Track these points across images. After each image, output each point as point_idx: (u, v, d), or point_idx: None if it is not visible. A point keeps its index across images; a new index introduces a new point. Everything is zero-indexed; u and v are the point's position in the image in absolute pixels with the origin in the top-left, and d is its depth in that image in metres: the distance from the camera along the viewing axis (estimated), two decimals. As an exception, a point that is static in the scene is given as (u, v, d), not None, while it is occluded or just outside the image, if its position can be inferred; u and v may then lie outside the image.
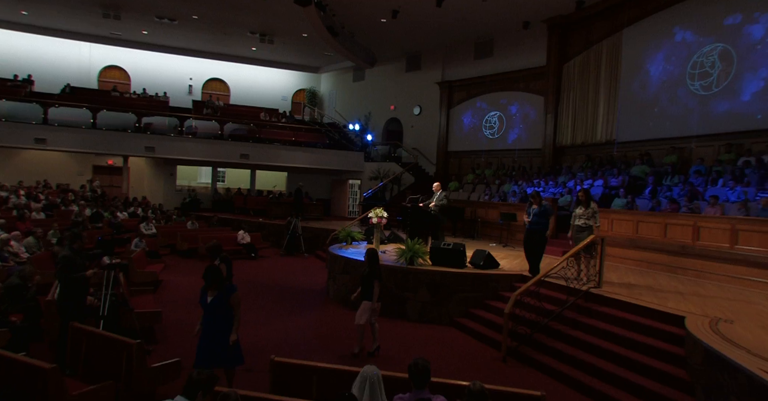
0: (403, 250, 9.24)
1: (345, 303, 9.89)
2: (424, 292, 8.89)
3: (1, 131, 18.76)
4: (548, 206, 8.73)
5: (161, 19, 20.71)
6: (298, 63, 27.32)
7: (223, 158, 21.44)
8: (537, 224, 8.58)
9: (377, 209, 10.72)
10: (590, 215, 8.42)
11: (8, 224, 13.05)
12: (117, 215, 16.51)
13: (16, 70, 22.67)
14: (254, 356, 6.87)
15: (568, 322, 7.32)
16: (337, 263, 10.29)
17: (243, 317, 8.71)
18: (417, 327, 8.63)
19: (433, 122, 22.16)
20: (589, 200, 8.53)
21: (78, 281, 5.79)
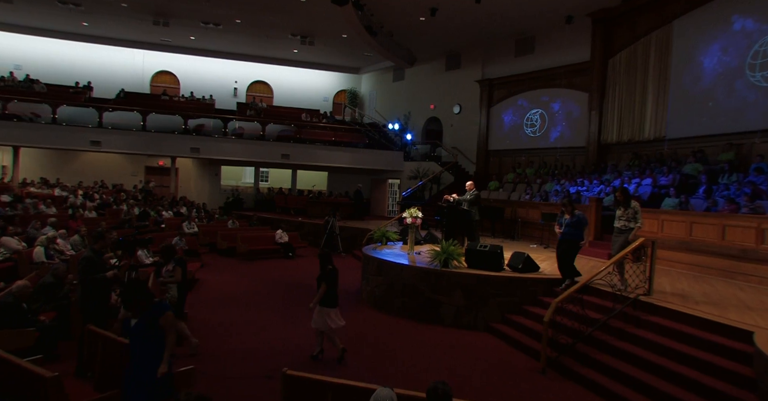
0: (438, 252, 8.64)
1: (377, 306, 9.41)
2: (459, 296, 8.27)
3: (61, 134, 19.32)
4: (582, 216, 7.71)
5: (207, 24, 20.79)
6: (339, 64, 27.04)
7: (265, 158, 21.36)
8: (569, 234, 7.71)
9: (412, 208, 10.16)
10: (631, 215, 7.48)
11: (61, 222, 13.25)
12: (162, 214, 16.58)
13: (77, 77, 23.32)
14: (271, 361, 6.46)
15: (614, 332, 6.56)
16: (370, 265, 9.79)
17: (269, 318, 8.54)
18: (450, 333, 8.02)
19: (473, 120, 21.38)
20: (628, 199, 7.57)
21: (99, 282, 5.50)
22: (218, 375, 5.80)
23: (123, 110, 20.30)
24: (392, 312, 9.02)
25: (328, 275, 6.60)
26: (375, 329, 8.18)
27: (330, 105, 28.18)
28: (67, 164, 22.49)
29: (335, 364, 6.45)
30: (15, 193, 17.30)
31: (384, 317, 8.88)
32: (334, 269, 6.73)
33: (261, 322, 8.22)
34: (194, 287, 10.40)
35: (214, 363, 6.18)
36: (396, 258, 9.51)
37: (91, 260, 5.50)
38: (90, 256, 5.54)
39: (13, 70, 22.58)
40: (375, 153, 22.43)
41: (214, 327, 7.81)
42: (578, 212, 7.84)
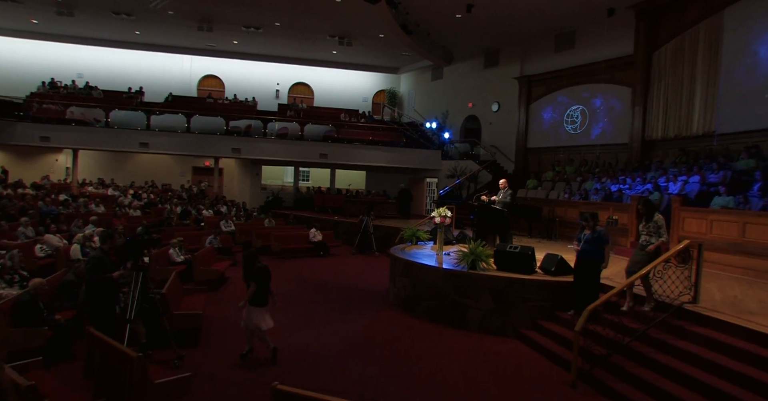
0: (465, 253, 8.06)
1: (403, 308, 8.91)
2: (487, 299, 7.66)
3: (114, 136, 19.82)
4: (603, 233, 6.79)
5: (248, 28, 20.79)
6: (377, 64, 26.61)
7: (303, 158, 21.23)
8: (588, 253, 6.75)
9: (441, 208, 9.60)
10: (653, 230, 6.52)
11: (106, 220, 13.44)
12: (202, 213, 16.64)
13: (131, 83, 23.90)
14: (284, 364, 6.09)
15: (654, 344, 5.83)
16: (396, 265, 9.30)
17: (288, 319, 8.16)
18: (477, 338, 7.43)
19: (511, 118, 20.49)
20: (651, 211, 6.63)
21: (105, 282, 5.26)
22: (224, 380, 5.45)
23: (169, 113, 20.61)
24: (417, 314, 8.50)
25: (257, 274, 6.18)
26: (397, 332, 7.70)
27: (369, 105, 27.81)
28: (122, 165, 23.10)
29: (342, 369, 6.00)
30: (71, 192, 17.84)
31: (408, 319, 8.37)
32: (264, 268, 6.31)
33: (284, 324, 7.77)
34: (221, 286, 10.19)
35: (226, 367, 5.85)
36: (423, 259, 8.98)
37: (98, 261, 5.27)
38: (98, 256, 5.32)
39: (75, 79, 23.39)
40: (412, 152, 21.90)
41: (235, 327, 7.50)
42: (600, 227, 6.94)
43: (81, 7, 19.14)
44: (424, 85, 25.91)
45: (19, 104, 19.71)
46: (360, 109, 26.09)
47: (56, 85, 22.47)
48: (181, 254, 10.29)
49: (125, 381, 4.12)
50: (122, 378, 4.14)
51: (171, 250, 10.28)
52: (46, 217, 12.28)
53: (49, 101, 20.21)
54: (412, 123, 24.84)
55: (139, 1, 17.67)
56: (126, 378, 4.11)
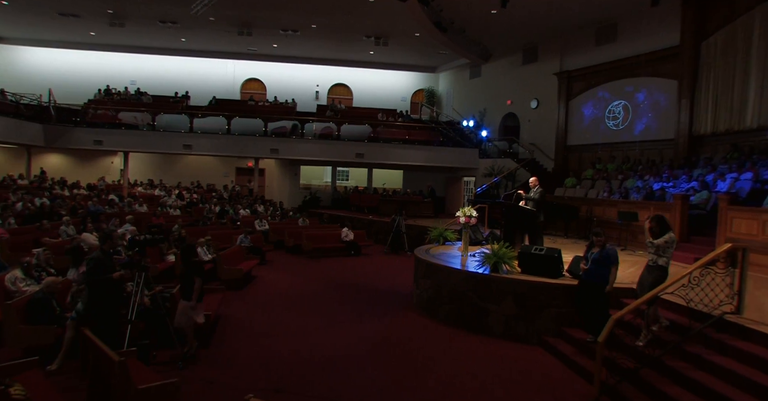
0: (488, 255, 7.54)
1: (425, 311, 8.47)
2: (509, 304, 7.12)
3: (160, 139, 20.34)
4: (612, 253, 6.03)
5: (285, 31, 20.83)
6: (415, 64, 26.12)
7: (339, 158, 21.07)
8: (593, 274, 6.00)
9: (466, 207, 9.09)
10: (661, 249, 5.62)
11: (145, 219, 13.67)
12: (239, 212, 16.73)
13: (178, 88, 24.54)
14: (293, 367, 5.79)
15: (689, 358, 5.16)
16: (419, 267, 8.87)
17: (310, 320, 7.80)
18: (498, 345, 6.90)
19: (551, 115, 19.56)
20: (664, 228, 5.70)
21: (107, 283, 5.13)
22: (229, 385, 5.21)
23: (210, 116, 20.94)
24: (438, 318, 8.04)
25: (198, 269, 5.84)
26: (415, 335, 7.29)
27: (408, 105, 27.37)
28: (171, 167, 23.72)
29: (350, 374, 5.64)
30: (119, 193, 18.39)
31: (429, 323, 7.93)
32: (200, 263, 5.93)
33: (300, 325, 7.61)
34: (246, 285, 10.06)
35: (230, 371, 5.62)
36: (447, 260, 8.52)
37: (98, 261, 5.15)
38: (98, 256, 5.19)
39: (128, 86, 24.22)
40: (449, 151, 21.34)
41: (250, 328, 7.32)
42: (610, 246, 6.20)
43: (130, 17, 19.72)
44: (463, 83, 25.22)
45: (77, 111, 20.54)
46: (398, 108, 25.72)
47: (111, 92, 23.30)
48: (209, 253, 10.25)
49: (108, 385, 3.93)
50: (106, 382, 3.95)
51: (199, 249, 10.23)
52: (93, 216, 12.60)
53: (103, 106, 20.95)
54: (451, 122, 24.24)
55: (183, 9, 17.97)
56: (109, 381, 3.92)
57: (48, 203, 13.85)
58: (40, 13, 19.52)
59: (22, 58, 24.12)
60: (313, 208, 21.27)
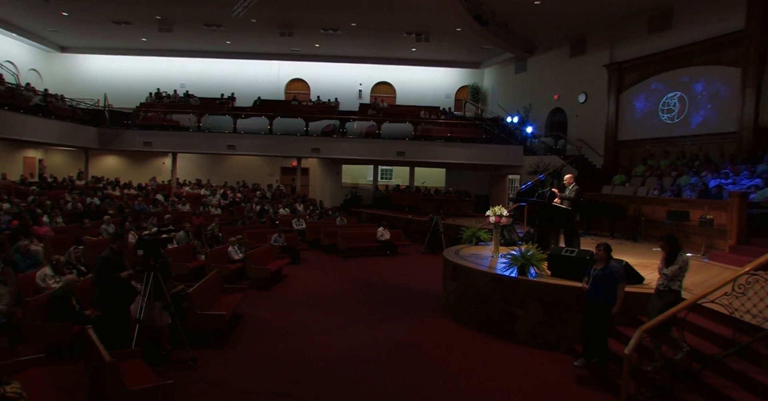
0: (515, 256, 7.13)
1: (451, 314, 8.16)
2: (537, 309, 6.69)
3: (204, 140, 20.93)
4: (617, 269, 5.46)
5: (326, 30, 20.89)
6: (459, 60, 25.55)
7: (380, 156, 20.93)
8: (596, 293, 5.48)
9: (497, 206, 8.69)
10: (672, 274, 5.07)
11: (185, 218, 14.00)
12: (279, 212, 16.89)
13: (224, 89, 25.18)
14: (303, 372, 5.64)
15: (732, 375, 4.60)
16: (447, 268, 8.54)
17: (335, 321, 7.63)
18: (524, 352, 6.50)
19: (600, 109, 18.57)
20: (676, 251, 5.16)
21: (114, 282, 5.17)
22: (232, 387, 5.12)
23: (253, 116, 21.34)
24: (464, 322, 7.70)
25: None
26: (438, 339, 7.00)
27: (452, 102, 26.85)
28: (218, 167, 24.38)
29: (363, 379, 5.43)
30: (166, 193, 19.05)
31: (454, 327, 7.61)
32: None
33: (321, 326, 7.49)
34: (275, 284, 10.06)
35: (240, 372, 5.54)
36: (475, 261, 8.15)
37: (107, 260, 5.19)
38: (107, 256, 5.24)
39: (177, 89, 25.12)
40: (493, 148, 20.73)
41: (270, 328, 7.25)
42: (615, 262, 5.57)
43: (177, 22, 20.39)
44: (508, 78, 24.45)
45: (128, 114, 21.48)
46: (442, 106, 25.28)
47: (161, 95, 24.23)
48: (239, 252, 10.33)
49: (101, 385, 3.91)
50: (102, 383, 3.94)
51: (230, 248, 10.36)
52: (136, 215, 13.07)
53: (152, 109, 21.80)
54: (495, 119, 23.56)
55: (226, 12, 18.35)
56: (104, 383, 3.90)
57: (97, 203, 14.49)
58: (96, 22, 20.52)
59: (81, 65, 25.52)
60: (354, 207, 21.24)
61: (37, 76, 24.12)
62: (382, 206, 21.47)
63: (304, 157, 21.58)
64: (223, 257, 10.06)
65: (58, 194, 15.50)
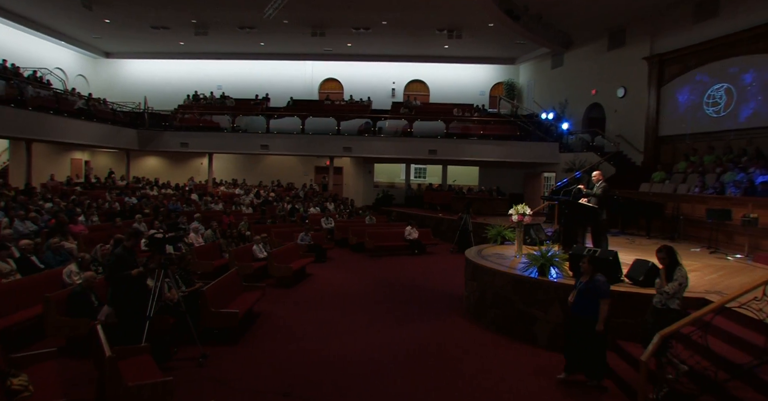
0: (535, 256, 6.88)
1: (471, 315, 7.97)
2: (557, 311, 6.42)
3: (238, 140, 21.38)
4: (601, 283, 5.10)
5: (357, 29, 20.91)
6: (493, 56, 25.06)
7: (412, 155, 20.80)
8: (581, 308, 5.17)
9: (519, 205, 8.42)
10: (672, 292, 4.70)
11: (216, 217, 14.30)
12: (309, 211, 17.02)
13: (259, 90, 25.68)
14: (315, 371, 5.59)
15: (763, 388, 4.24)
16: (468, 268, 8.34)
17: (354, 321, 7.60)
18: (544, 356, 6.24)
19: (639, 103, 17.78)
20: (674, 263, 4.81)
21: (125, 280, 5.28)
22: (234, 385, 5.13)
23: (286, 116, 21.61)
24: (484, 323, 7.49)
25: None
26: (455, 342, 6.81)
27: (487, 99, 26.39)
28: (254, 166, 24.81)
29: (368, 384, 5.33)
30: (200, 192, 19.53)
31: (474, 329, 7.41)
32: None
33: (338, 326, 7.44)
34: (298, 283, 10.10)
35: (249, 371, 5.55)
36: (495, 261, 7.92)
37: (119, 258, 5.30)
38: (119, 253, 5.35)
39: (214, 91, 25.77)
40: (527, 145, 20.25)
41: (287, 327, 7.26)
42: (600, 275, 5.20)
43: (212, 25, 20.88)
44: (544, 74, 23.79)
45: (166, 116, 22.18)
46: (477, 103, 24.89)
47: (198, 97, 24.90)
48: (264, 251, 10.44)
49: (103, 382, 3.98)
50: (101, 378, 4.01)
51: (254, 246, 10.49)
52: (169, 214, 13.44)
53: (189, 111, 22.42)
54: (531, 115, 22.99)
55: (258, 14, 18.63)
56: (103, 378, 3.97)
57: (134, 202, 15.00)
58: (136, 27, 21.29)
59: (124, 70, 26.56)
60: (385, 206, 21.19)
61: (84, 82, 25.26)
62: (414, 205, 21.33)
63: (336, 156, 21.69)
64: (247, 256, 10.19)
65: (99, 193, 16.16)
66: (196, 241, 10.83)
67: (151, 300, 5.27)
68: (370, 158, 22.72)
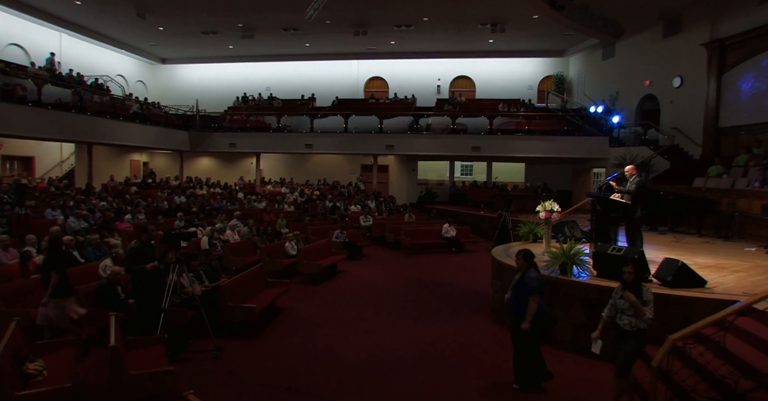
0: (556, 254, 6.61)
1: (495, 314, 7.79)
2: (578, 312, 6.15)
3: (284, 140, 21.92)
4: (530, 279, 4.92)
5: (399, 27, 20.86)
6: (540, 49, 24.27)
7: (455, 152, 20.55)
8: (515, 307, 5.03)
9: (547, 201, 8.13)
10: (651, 315, 4.24)
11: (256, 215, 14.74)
12: (350, 208, 17.19)
13: (306, 90, 26.18)
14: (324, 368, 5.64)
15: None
16: (493, 265, 8.14)
17: (376, 320, 7.61)
18: (563, 358, 6.00)
19: (697, 93, 16.66)
20: (639, 278, 4.31)
21: (141, 273, 5.53)
22: (242, 377, 5.26)
23: (330, 115, 21.92)
24: (507, 323, 7.27)
25: (57, 263, 5.43)
26: (475, 341, 6.71)
27: (535, 93, 25.62)
28: (302, 165, 25.31)
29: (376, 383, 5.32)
30: (247, 191, 20.17)
31: (495, 328, 7.24)
32: (67, 254, 5.53)
33: (359, 323, 7.46)
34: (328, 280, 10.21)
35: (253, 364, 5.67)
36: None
37: (136, 252, 5.57)
38: (136, 248, 5.62)
39: (262, 92, 26.54)
40: (574, 140, 19.50)
41: (307, 323, 7.37)
42: (534, 272, 4.98)
43: (258, 28, 21.49)
44: (595, 66, 22.80)
45: (216, 117, 23.07)
46: (524, 98, 24.23)
47: (247, 98, 25.73)
48: (296, 248, 10.64)
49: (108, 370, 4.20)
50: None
51: (287, 243, 10.71)
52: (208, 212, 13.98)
53: (237, 112, 23.21)
54: (581, 109, 22.11)
55: (301, 15, 18.97)
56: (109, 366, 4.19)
57: (182, 201, 15.71)
58: (187, 34, 22.28)
59: (179, 74, 27.89)
60: (428, 203, 21.06)
61: (143, 87, 26.74)
62: (458, 203, 21.07)
63: (379, 154, 21.76)
64: (279, 253, 10.43)
65: (152, 193, 17.05)
66: (232, 238, 11.19)
67: (166, 293, 5.50)
68: (413, 156, 22.65)
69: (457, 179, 24.47)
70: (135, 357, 4.80)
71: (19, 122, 13.60)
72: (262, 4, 18.44)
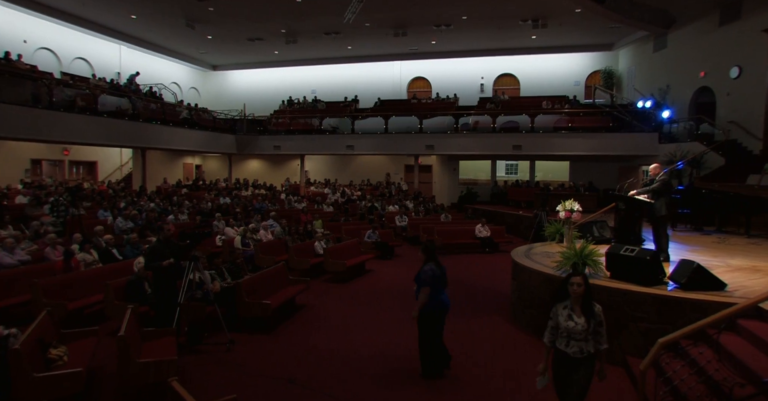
0: (568, 254, 6.48)
1: (512, 315, 7.73)
2: (589, 314, 5.99)
3: (326, 142, 22.42)
4: (423, 271, 5.26)
5: (438, 26, 20.85)
6: (586, 43, 23.48)
7: (495, 151, 20.27)
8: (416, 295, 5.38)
9: (568, 201, 7.95)
10: (593, 331, 3.65)
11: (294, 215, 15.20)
12: (386, 208, 17.37)
13: (349, 92, 26.66)
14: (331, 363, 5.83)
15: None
16: (513, 266, 8.05)
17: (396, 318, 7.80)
18: (572, 360, 5.88)
19: (757, 83, 15.58)
20: (589, 297, 3.69)
21: (158, 269, 5.93)
22: (249, 370, 5.53)
23: (370, 117, 22.22)
24: (522, 324, 7.23)
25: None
26: (486, 342, 6.66)
27: (582, 89, 24.81)
28: (347, 166, 25.79)
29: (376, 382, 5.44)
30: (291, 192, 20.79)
31: (510, 329, 7.17)
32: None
33: (379, 321, 7.58)
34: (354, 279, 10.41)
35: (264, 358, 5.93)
36: (539, 260, 7.57)
37: (154, 250, 5.97)
38: (155, 246, 6.02)
39: (307, 95, 27.25)
40: (620, 137, 18.78)
41: (324, 320, 7.57)
42: (429, 265, 5.27)
43: (300, 33, 22.11)
44: (646, 58, 21.80)
45: (262, 121, 23.93)
46: (571, 94, 23.53)
47: (292, 102, 26.49)
48: (324, 247, 10.92)
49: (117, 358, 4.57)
50: (117, 354, 4.61)
51: (316, 243, 11.02)
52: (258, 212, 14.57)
53: (283, 115, 23.95)
54: (630, 104, 21.22)
55: (341, 19, 19.36)
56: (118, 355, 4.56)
57: (228, 202, 16.44)
58: (234, 41, 23.24)
59: (228, 80, 29.12)
60: (469, 203, 20.90)
61: (196, 93, 28.13)
62: (499, 203, 20.78)
63: (420, 155, 21.82)
64: (308, 252, 10.74)
65: (200, 194, 17.93)
66: (266, 237, 11.63)
67: (182, 289, 5.88)
68: (453, 156, 22.54)
69: (502, 178, 24.09)
70: (149, 347, 5.19)
71: (79, 129, 14.73)
72: (302, 10, 18.97)
